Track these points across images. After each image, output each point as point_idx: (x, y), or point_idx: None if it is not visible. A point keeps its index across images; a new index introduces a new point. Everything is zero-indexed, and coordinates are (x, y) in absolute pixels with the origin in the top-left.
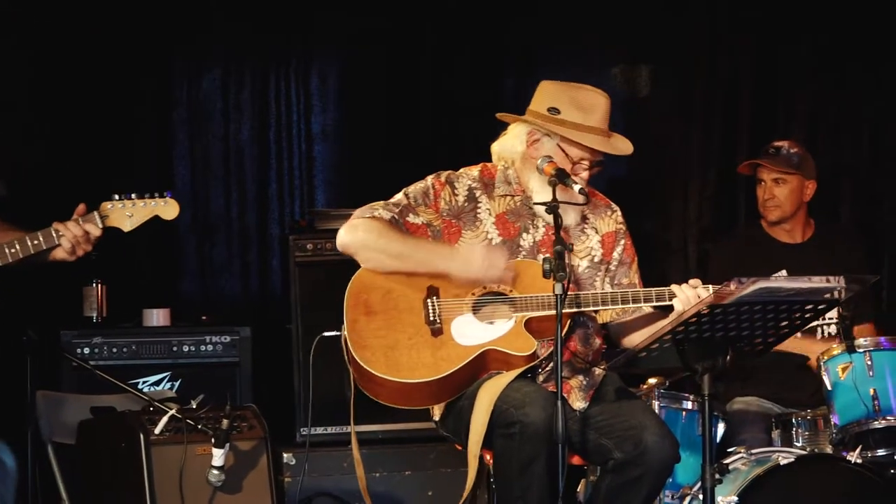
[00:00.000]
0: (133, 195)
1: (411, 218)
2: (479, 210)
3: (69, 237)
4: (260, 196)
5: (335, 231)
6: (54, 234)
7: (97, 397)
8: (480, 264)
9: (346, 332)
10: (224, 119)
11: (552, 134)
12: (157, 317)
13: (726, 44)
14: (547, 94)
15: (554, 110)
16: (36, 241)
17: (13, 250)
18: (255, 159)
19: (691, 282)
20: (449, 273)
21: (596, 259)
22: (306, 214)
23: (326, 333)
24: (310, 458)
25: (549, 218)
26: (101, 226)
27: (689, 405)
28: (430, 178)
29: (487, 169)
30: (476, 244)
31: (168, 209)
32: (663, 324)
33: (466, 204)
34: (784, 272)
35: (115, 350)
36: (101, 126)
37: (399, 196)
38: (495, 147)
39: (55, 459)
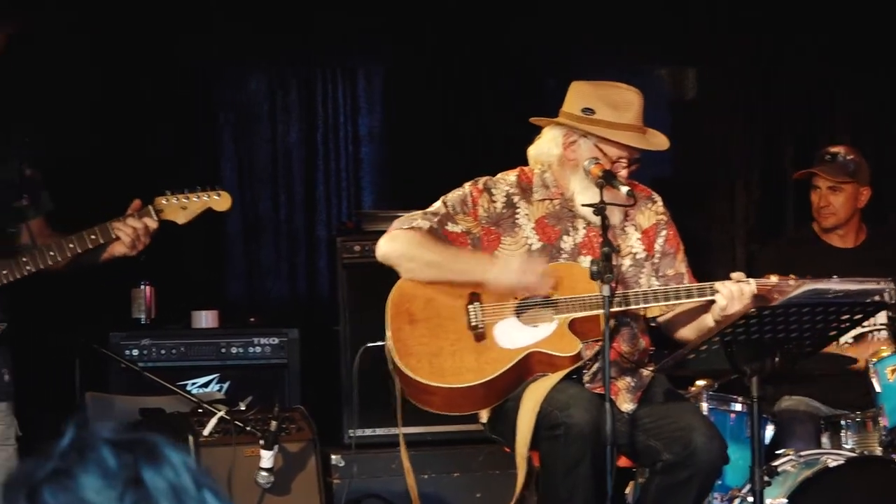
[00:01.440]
0: (185, 190)
1: (450, 226)
2: (517, 216)
3: (128, 231)
4: (307, 198)
5: (383, 232)
6: (111, 229)
7: (146, 399)
8: (517, 273)
9: (389, 342)
10: (271, 121)
11: (588, 135)
12: (206, 318)
13: (770, 45)
14: (580, 94)
15: (588, 110)
16: (93, 236)
17: (71, 245)
18: (302, 161)
19: (734, 275)
20: (486, 282)
21: (638, 257)
22: (353, 216)
23: (370, 344)
24: (358, 460)
25: (591, 219)
26: (156, 219)
27: (737, 407)
28: (467, 186)
29: (525, 173)
30: (515, 253)
31: (221, 201)
32: (709, 319)
33: (505, 210)
34: (835, 276)
35: (163, 352)
36: (146, 131)
37: (437, 205)
38: (531, 151)
39: None
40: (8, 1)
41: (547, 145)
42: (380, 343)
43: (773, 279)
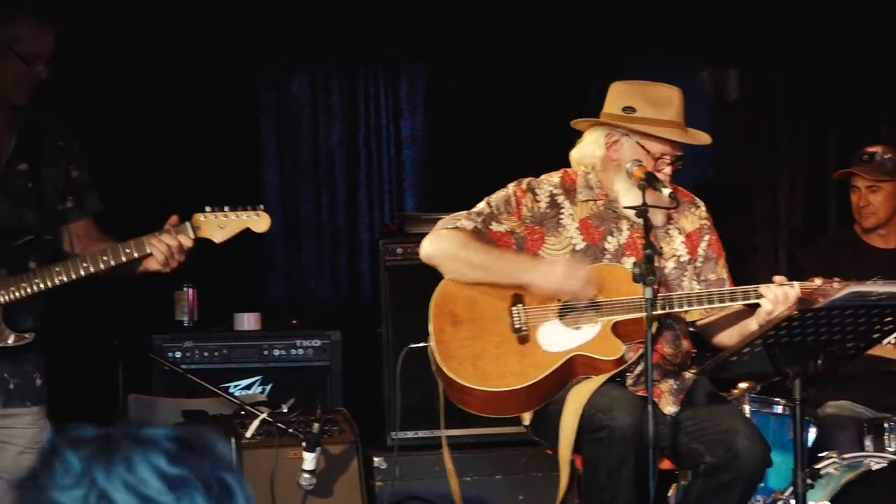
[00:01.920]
0: (226, 207)
1: (494, 226)
2: (561, 216)
3: (162, 248)
4: (349, 200)
5: (425, 235)
6: (146, 245)
7: (189, 401)
8: (561, 278)
9: (432, 344)
10: (313, 123)
11: (630, 133)
12: (248, 321)
13: (814, 46)
14: (620, 94)
15: (629, 109)
16: (128, 250)
17: (105, 258)
18: (344, 163)
19: (776, 279)
20: (529, 284)
21: (682, 259)
22: (396, 218)
23: (413, 346)
24: (400, 462)
25: (634, 220)
26: (192, 236)
27: (780, 409)
28: (511, 186)
29: (568, 175)
30: (559, 255)
31: (260, 222)
32: (751, 322)
33: (549, 210)
34: (879, 278)
35: (206, 354)
36: (188, 133)
37: (481, 205)
38: (574, 154)
39: None
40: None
41: (589, 147)
42: (423, 344)
43: (817, 282)
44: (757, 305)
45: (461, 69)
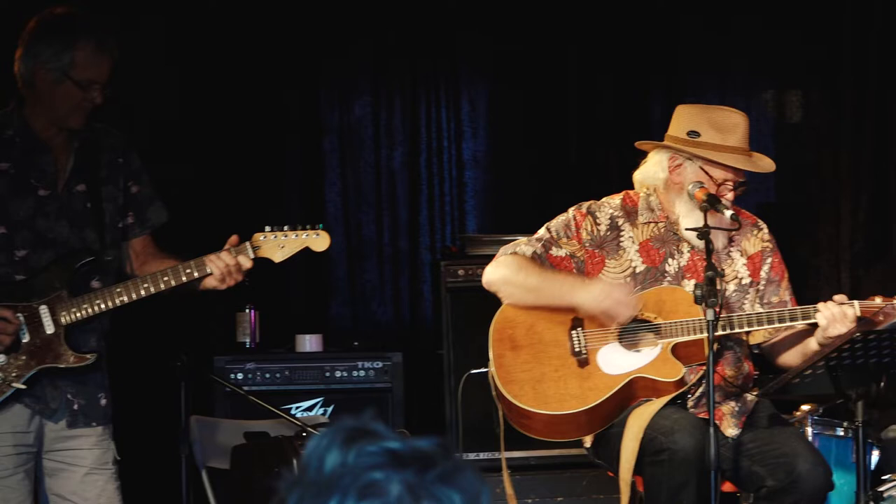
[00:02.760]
0: (285, 227)
1: (554, 251)
2: (621, 238)
3: (221, 267)
4: (411, 222)
5: (487, 257)
6: (206, 265)
7: (250, 422)
8: (599, 299)
9: (492, 368)
10: (375, 145)
11: (694, 157)
12: (310, 342)
13: (875, 66)
14: (685, 117)
15: (694, 133)
16: (188, 271)
17: (166, 279)
18: (406, 185)
19: (836, 298)
20: (579, 306)
21: (744, 282)
22: (457, 240)
23: (474, 371)
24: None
25: (695, 243)
26: (252, 256)
27: (842, 432)
28: (571, 210)
29: (630, 197)
30: (619, 279)
31: (319, 241)
32: (812, 342)
33: (609, 233)
34: None
35: (268, 375)
36: (250, 154)
37: (542, 231)
38: (637, 175)
39: (209, 484)
40: (110, 24)
41: (653, 169)
42: (483, 370)
43: (878, 301)
44: (814, 325)
45: (523, 91)
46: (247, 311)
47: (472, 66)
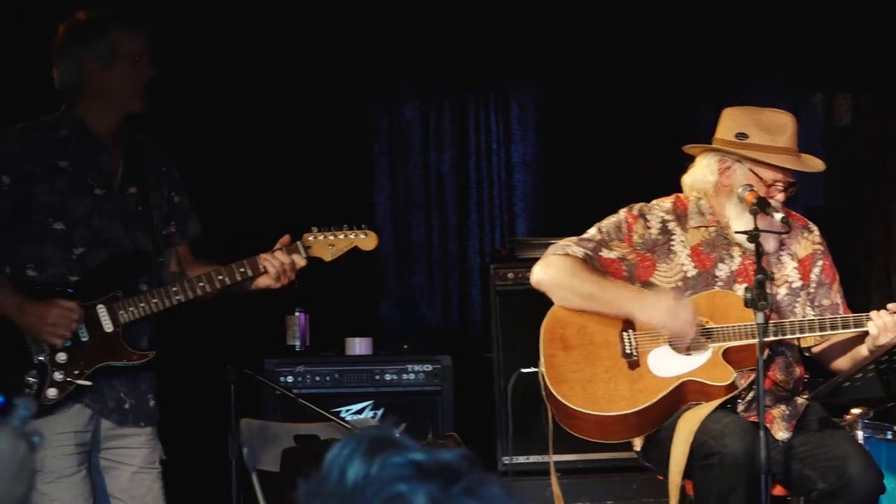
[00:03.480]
0: (333, 227)
1: (605, 253)
2: (672, 242)
3: (276, 265)
4: (460, 225)
5: (536, 260)
6: (261, 263)
7: (300, 425)
8: (663, 315)
9: (543, 368)
10: (424, 148)
11: (743, 159)
12: (360, 345)
13: None
14: (732, 120)
15: (742, 135)
16: (242, 269)
17: (221, 277)
18: (455, 188)
19: (890, 306)
20: (635, 317)
21: (794, 286)
22: (507, 243)
23: (524, 370)
24: (512, 487)
25: (746, 247)
26: (304, 255)
27: (892, 435)
28: (622, 212)
29: (680, 200)
30: (669, 284)
31: (368, 241)
32: (863, 348)
33: (660, 236)
34: None
35: (317, 378)
36: (299, 157)
37: (592, 231)
38: (686, 179)
39: (260, 487)
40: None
41: (702, 172)
42: (533, 369)
43: None
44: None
45: (571, 93)
46: (296, 314)
47: (520, 70)
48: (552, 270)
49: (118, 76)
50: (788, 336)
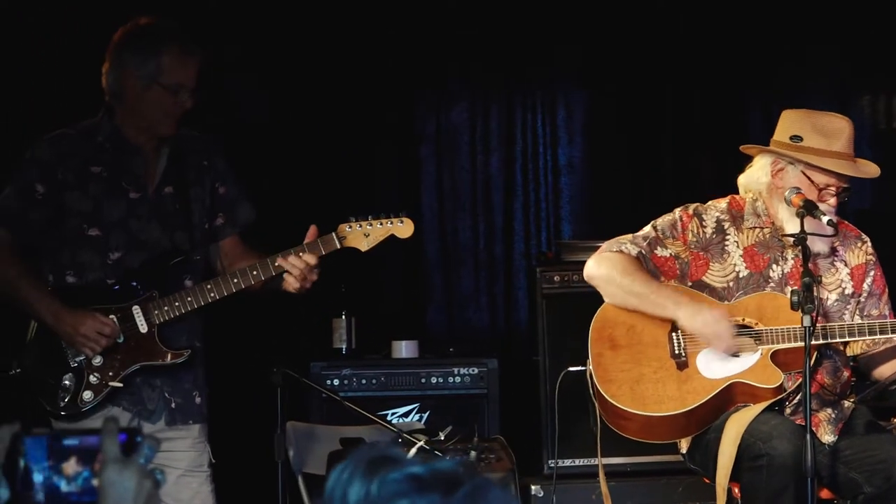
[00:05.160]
0: (369, 216)
1: (659, 251)
2: (727, 242)
3: (295, 272)
4: (506, 228)
5: (582, 263)
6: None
7: (346, 428)
8: (700, 324)
9: (591, 367)
10: (471, 151)
11: (796, 162)
12: (406, 348)
13: None
14: (789, 122)
15: (797, 138)
16: (276, 263)
17: (255, 272)
18: (501, 191)
19: None
20: (678, 321)
21: (846, 292)
22: (553, 246)
23: (572, 369)
24: (558, 491)
25: (799, 250)
26: (339, 246)
27: None
28: (678, 211)
29: (736, 201)
30: (724, 282)
31: (404, 228)
32: None
33: (714, 236)
34: None
35: (363, 381)
36: (345, 160)
37: (647, 229)
38: (742, 179)
39: (306, 490)
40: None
41: (756, 173)
42: (580, 368)
43: None
44: None
45: (618, 96)
46: (343, 317)
47: (568, 72)
48: (604, 266)
49: (153, 100)
50: (837, 339)
